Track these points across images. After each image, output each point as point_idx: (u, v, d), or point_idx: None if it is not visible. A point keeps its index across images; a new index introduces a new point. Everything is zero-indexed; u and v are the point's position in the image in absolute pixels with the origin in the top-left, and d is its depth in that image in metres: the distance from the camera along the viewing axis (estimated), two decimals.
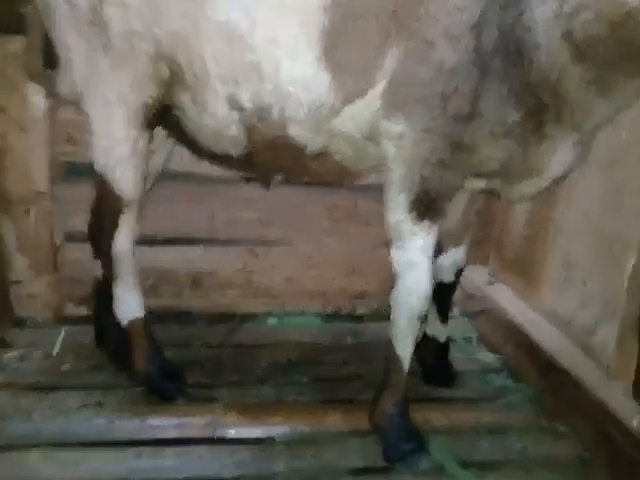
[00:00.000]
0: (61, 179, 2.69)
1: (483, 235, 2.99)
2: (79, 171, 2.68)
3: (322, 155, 1.97)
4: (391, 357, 1.99)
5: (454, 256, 2.29)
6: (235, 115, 1.90)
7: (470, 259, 3.05)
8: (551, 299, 2.42)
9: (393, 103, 1.73)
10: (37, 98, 2.53)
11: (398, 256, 1.89)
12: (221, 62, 1.82)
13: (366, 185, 2.93)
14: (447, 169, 1.75)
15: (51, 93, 2.53)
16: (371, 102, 1.76)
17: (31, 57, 2.48)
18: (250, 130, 1.92)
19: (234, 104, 1.87)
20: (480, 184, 1.94)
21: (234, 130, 1.94)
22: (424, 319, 1.99)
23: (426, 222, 1.84)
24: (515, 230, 2.75)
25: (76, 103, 2.10)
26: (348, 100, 1.78)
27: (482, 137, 1.69)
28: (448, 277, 2.32)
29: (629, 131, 1.99)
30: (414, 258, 1.87)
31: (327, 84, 1.75)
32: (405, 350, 1.97)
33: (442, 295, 2.34)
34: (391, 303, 1.95)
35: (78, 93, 2.04)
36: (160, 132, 2.36)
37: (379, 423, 2.01)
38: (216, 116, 1.92)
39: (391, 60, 1.69)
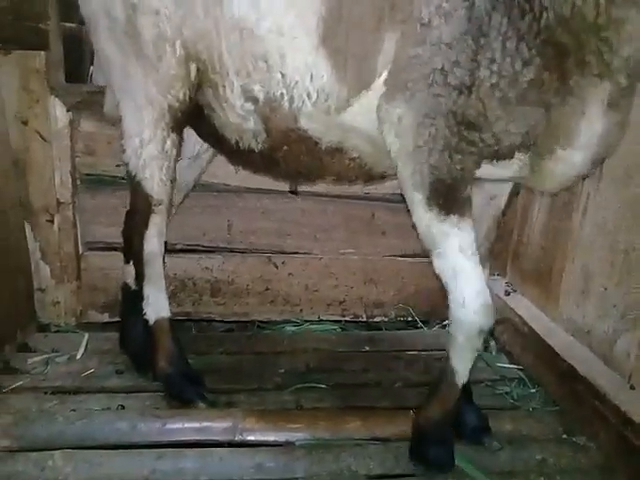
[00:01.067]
0: (83, 189, 2.75)
1: (501, 246, 2.99)
2: (100, 182, 2.76)
3: (338, 151, 1.98)
4: (446, 368, 1.90)
5: None
6: (251, 107, 1.95)
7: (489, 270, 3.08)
8: (569, 309, 2.41)
9: (393, 86, 1.68)
10: (59, 111, 2.61)
11: (439, 265, 1.74)
12: (234, 55, 1.89)
13: (383, 196, 2.99)
14: (457, 153, 1.62)
15: (72, 106, 2.61)
16: (377, 94, 1.73)
17: (53, 72, 2.56)
18: (266, 122, 1.97)
19: (248, 95, 1.93)
20: (503, 171, 1.73)
21: (252, 122, 2.00)
22: (486, 333, 1.78)
23: (453, 217, 1.67)
24: (532, 241, 2.76)
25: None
26: (354, 91, 1.78)
27: (491, 109, 1.54)
28: None
29: None
30: (455, 263, 1.70)
31: (329, 72, 1.77)
32: (461, 364, 1.86)
33: None
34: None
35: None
36: (193, 148, 2.44)
37: (421, 427, 1.96)
38: (234, 109, 1.99)
39: (389, 45, 1.67)
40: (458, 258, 1.69)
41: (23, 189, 2.62)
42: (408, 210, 1.80)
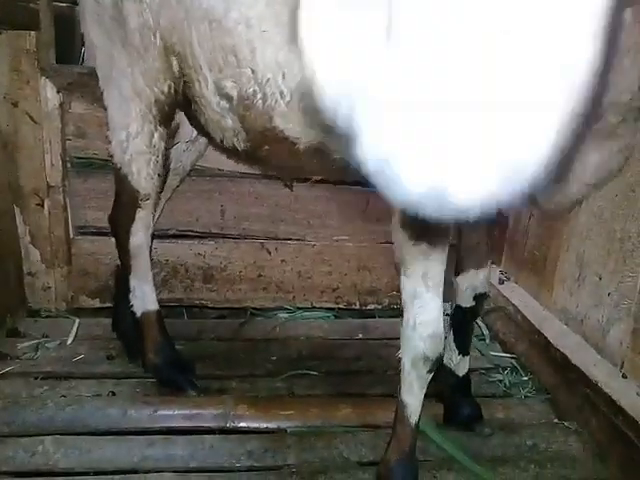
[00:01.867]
0: (73, 173, 2.72)
1: (496, 234, 2.98)
2: (91, 165, 2.72)
3: (319, 152, 1.78)
4: (398, 402, 1.74)
5: (472, 279, 1.99)
6: (226, 104, 1.82)
7: None
8: (564, 298, 2.41)
9: None
10: (50, 92, 2.56)
11: (402, 283, 1.63)
12: (205, 47, 1.76)
13: None
14: None
15: (63, 88, 2.56)
16: None
17: (44, 52, 2.52)
18: (242, 120, 1.82)
19: (222, 92, 1.80)
20: None
21: (230, 121, 1.86)
22: (433, 365, 1.66)
23: (423, 245, 1.56)
24: (528, 230, 2.74)
25: None
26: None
27: None
28: (466, 302, 2.03)
29: None
30: (416, 288, 1.60)
31: (300, 69, 1.66)
32: (410, 397, 1.69)
33: (460, 321, 2.07)
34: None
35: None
36: (190, 131, 2.39)
37: (380, 474, 1.79)
38: (211, 105, 1.86)
39: None
40: (420, 285, 1.60)
41: (12, 172, 2.58)
42: None
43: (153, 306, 2.26)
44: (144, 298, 2.25)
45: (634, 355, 1.98)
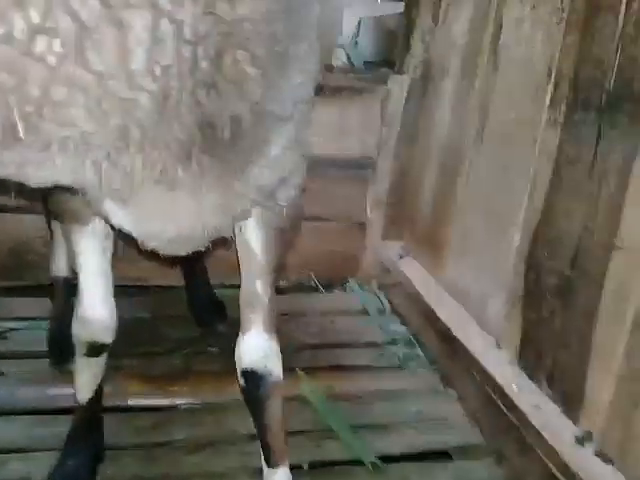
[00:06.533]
0: None
1: (398, 211, 3.09)
2: None
3: None
4: None
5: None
6: None
7: (388, 234, 3.17)
8: (452, 272, 2.53)
9: None
10: None
11: None
12: None
13: None
14: None
15: None
16: None
17: None
18: None
19: None
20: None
21: None
22: (82, 345, 1.69)
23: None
24: (424, 206, 2.85)
25: None
26: None
27: None
28: None
29: (518, 111, 2.08)
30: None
31: None
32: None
33: None
34: None
35: None
36: None
37: None
38: None
39: None
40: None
41: None
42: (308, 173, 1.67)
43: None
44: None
45: (508, 326, 2.11)
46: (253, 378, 1.58)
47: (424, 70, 2.86)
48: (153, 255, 1.43)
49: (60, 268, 2.37)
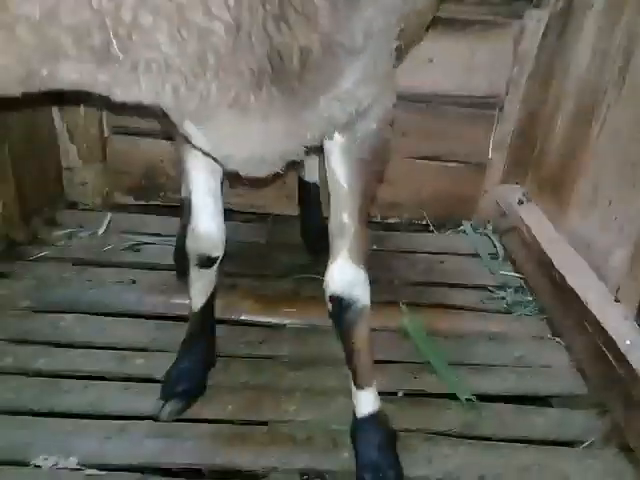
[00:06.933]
0: None
1: (523, 154, 2.94)
2: None
3: None
4: None
5: None
6: None
7: (508, 178, 3.05)
8: (576, 221, 2.39)
9: None
10: None
11: None
12: None
13: (402, 95, 2.91)
14: None
15: None
16: None
17: None
18: None
19: None
20: None
21: None
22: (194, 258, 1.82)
23: None
24: (552, 150, 2.69)
25: None
26: None
27: None
28: None
29: None
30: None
31: None
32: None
33: None
34: None
35: None
36: None
37: None
38: None
39: None
40: None
41: None
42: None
43: None
44: None
45: (629, 281, 1.99)
46: (340, 304, 1.62)
47: (565, 4, 2.63)
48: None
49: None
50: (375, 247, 2.86)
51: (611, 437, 1.81)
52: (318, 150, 1.52)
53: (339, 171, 1.51)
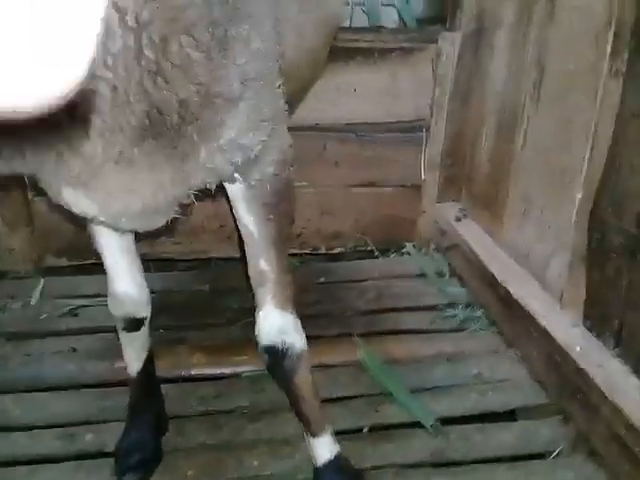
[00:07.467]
0: None
1: (456, 171, 3.00)
2: None
3: None
4: None
5: None
6: None
7: (444, 196, 3.10)
8: (512, 233, 2.45)
9: None
10: None
11: None
12: None
13: (332, 126, 2.94)
14: None
15: None
16: None
17: None
18: None
19: None
20: None
21: None
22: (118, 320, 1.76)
23: None
24: (481, 166, 2.76)
25: None
26: None
27: None
28: None
29: (577, 62, 1.96)
30: None
31: None
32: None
33: None
34: None
35: None
36: None
37: None
38: None
39: None
40: None
41: None
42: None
43: None
44: None
45: (571, 287, 2.03)
46: (274, 354, 1.57)
47: (477, 24, 2.73)
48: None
49: None
50: (323, 280, 2.85)
51: (577, 444, 1.83)
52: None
53: (246, 218, 1.47)
